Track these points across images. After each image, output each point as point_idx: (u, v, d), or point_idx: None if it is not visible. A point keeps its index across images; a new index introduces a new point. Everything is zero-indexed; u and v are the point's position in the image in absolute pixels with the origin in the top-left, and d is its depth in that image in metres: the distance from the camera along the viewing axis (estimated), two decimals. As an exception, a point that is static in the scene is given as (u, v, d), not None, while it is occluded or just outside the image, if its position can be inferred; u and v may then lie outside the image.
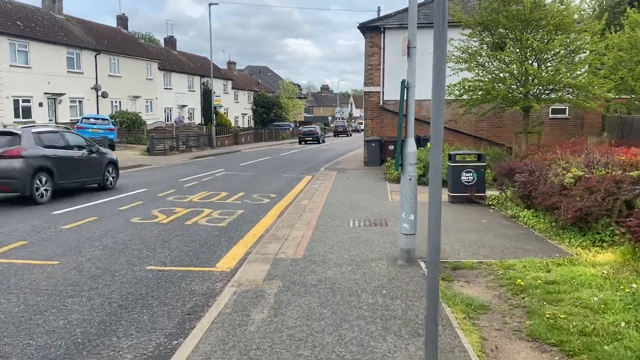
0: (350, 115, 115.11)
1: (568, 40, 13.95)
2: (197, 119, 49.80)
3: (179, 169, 20.34)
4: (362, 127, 62.27)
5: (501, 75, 15.46)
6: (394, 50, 19.95)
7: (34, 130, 12.05)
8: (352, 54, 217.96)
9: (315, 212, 9.75)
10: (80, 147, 13.19)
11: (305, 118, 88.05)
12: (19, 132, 11.59)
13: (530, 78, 14.91)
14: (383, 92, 20.15)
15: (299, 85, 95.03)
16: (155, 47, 49.97)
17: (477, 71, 15.93)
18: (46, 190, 11.59)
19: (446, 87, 17.70)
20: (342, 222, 8.68)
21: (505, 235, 7.58)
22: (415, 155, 5.99)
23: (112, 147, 27.69)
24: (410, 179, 5.96)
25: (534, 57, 14.99)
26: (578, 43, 14.07)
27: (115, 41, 39.05)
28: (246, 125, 60.55)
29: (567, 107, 21.13)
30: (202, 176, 17.43)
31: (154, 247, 7.53)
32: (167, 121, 44.48)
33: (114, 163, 14.48)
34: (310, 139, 43.14)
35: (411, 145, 5.97)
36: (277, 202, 11.94)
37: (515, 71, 14.93)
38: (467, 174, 10.34)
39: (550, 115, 20.58)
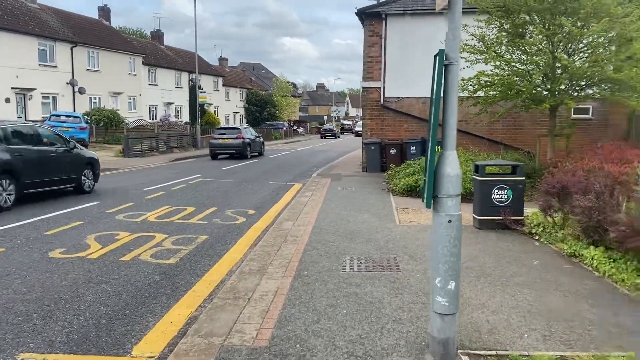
0: (347, 114, 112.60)
1: (612, 25, 11.48)
2: (185, 117, 47.15)
3: (151, 174, 17.79)
4: (356, 127, 62.26)
5: (524, 68, 13.04)
6: (397, 40, 17.48)
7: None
8: (348, 53, 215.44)
9: (299, 242, 7.26)
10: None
11: (300, 117, 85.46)
12: None
13: (560, 71, 12.49)
14: (384, 88, 17.66)
15: (294, 84, 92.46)
16: (141, 41, 47.33)
17: (496, 63, 13.50)
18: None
19: (459, 83, 15.25)
20: (334, 263, 6.18)
21: (578, 293, 5.09)
22: (459, 180, 3.51)
23: (84, 147, 25.20)
24: (450, 222, 3.48)
25: (563, 46, 12.55)
26: (626, 29, 11.61)
27: (95, 33, 36.41)
28: (238, 125, 57.92)
29: (591, 107, 18.76)
30: (173, 184, 14.91)
31: (54, 308, 5.02)
32: (153, 119, 41.89)
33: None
34: (330, 134, 59.77)
35: (452, 163, 3.50)
36: (254, 222, 9.44)
37: (542, 63, 12.45)
38: (499, 192, 7.87)
39: (572, 116, 18.13)
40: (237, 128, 27.57)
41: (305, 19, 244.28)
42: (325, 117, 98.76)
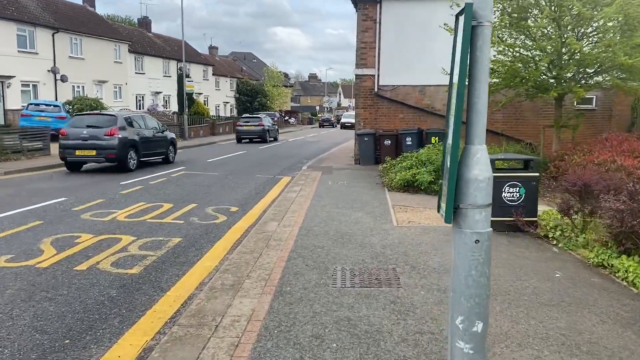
0: (339, 104, 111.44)
1: (627, 8, 10.55)
2: (174, 107, 45.86)
3: (131, 166, 16.72)
4: (343, 118, 56.06)
5: (527, 54, 12.13)
6: (392, 25, 16.48)
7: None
8: (341, 44, 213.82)
9: (283, 247, 6.32)
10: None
11: (292, 107, 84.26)
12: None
13: (567, 57, 11.60)
14: (378, 75, 16.68)
15: (286, 74, 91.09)
16: (127, 28, 45.89)
17: (500, 48, 12.59)
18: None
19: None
20: (323, 275, 5.25)
21: (618, 317, 4.18)
22: (489, 186, 2.57)
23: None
24: (477, 241, 2.56)
25: (570, 30, 11.63)
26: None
27: (78, 19, 35.04)
28: (228, 115, 56.74)
29: (595, 97, 17.91)
30: (153, 177, 13.89)
31: (-26, 337, 4.08)
32: (140, 109, 40.62)
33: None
34: (328, 124, 60.86)
35: (481, 162, 2.57)
36: (235, 222, 8.49)
37: (549, 47, 11.54)
38: (511, 189, 6.97)
39: (575, 106, 17.26)
40: (259, 117, 32.15)
41: (298, 9, 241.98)
42: (317, 108, 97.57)
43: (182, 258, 6.37)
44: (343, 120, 56.78)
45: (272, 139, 32.20)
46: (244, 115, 35.39)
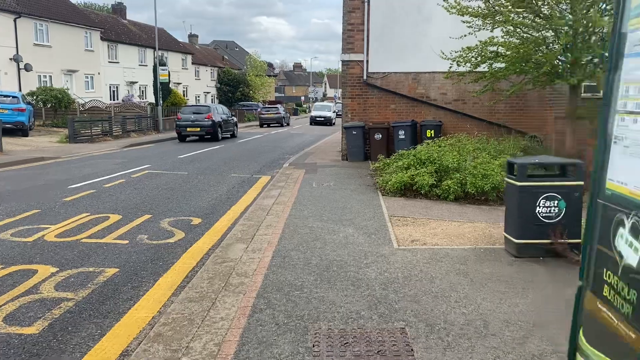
0: (324, 95, 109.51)
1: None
2: (151, 97, 43.64)
3: (90, 164, 14.85)
4: (315, 111, 42.92)
5: (537, 35, 10.55)
6: (383, 4, 14.73)
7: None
8: (326, 34, 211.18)
9: (247, 289, 4.62)
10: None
11: (277, 97, 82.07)
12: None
13: (587, 36, 10.03)
14: (367, 61, 14.95)
15: (270, 64, 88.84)
16: (100, 15, 43.48)
17: (508, 27, 10.99)
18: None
19: (455, 55, 12.62)
20: (299, 346, 3.54)
21: None
22: None
23: (24, 132, 22.04)
24: None
25: (589, 5, 10.03)
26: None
27: (44, 3, 32.67)
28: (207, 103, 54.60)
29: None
30: (109, 178, 12.06)
31: None
32: (114, 100, 38.45)
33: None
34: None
35: None
36: (195, 240, 6.78)
37: (565, 28, 9.94)
38: (547, 203, 5.33)
39: (582, 94, 15.73)
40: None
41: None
42: (303, 98, 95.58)
43: (108, 304, 4.64)
44: (314, 113, 44.13)
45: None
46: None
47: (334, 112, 44.48)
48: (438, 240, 6.31)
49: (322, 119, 42.09)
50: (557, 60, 10.19)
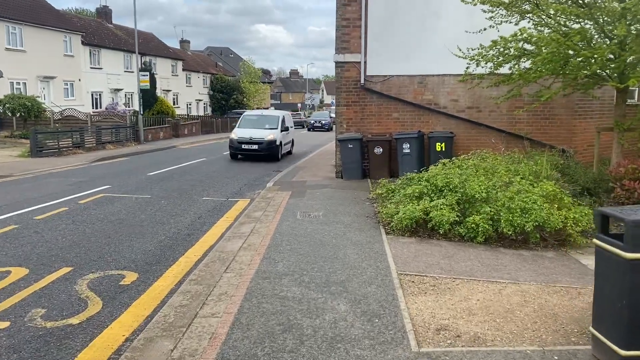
0: (322, 102, 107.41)
1: None
2: (137, 105, 41.40)
3: (40, 184, 12.56)
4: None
5: (578, 28, 8.44)
6: (383, -5, 12.56)
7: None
8: (323, 41, 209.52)
9: None
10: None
11: (273, 104, 79.84)
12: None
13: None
14: (365, 63, 12.76)
15: (267, 70, 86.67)
16: (82, 18, 41.30)
17: (541, 18, 8.87)
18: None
19: (471, 54, 10.39)
20: None
21: None
22: None
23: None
24: None
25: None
26: None
27: (17, 5, 30.45)
28: (202, 114, 52.38)
29: (637, 90, 14.30)
30: (50, 205, 9.80)
31: None
32: (96, 108, 36.21)
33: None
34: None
35: None
36: (112, 319, 4.54)
37: (620, 15, 7.81)
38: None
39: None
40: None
41: (279, 6, 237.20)
42: (299, 105, 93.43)
43: None
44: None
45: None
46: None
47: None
48: (478, 326, 4.07)
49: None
50: (611, 56, 8.02)
